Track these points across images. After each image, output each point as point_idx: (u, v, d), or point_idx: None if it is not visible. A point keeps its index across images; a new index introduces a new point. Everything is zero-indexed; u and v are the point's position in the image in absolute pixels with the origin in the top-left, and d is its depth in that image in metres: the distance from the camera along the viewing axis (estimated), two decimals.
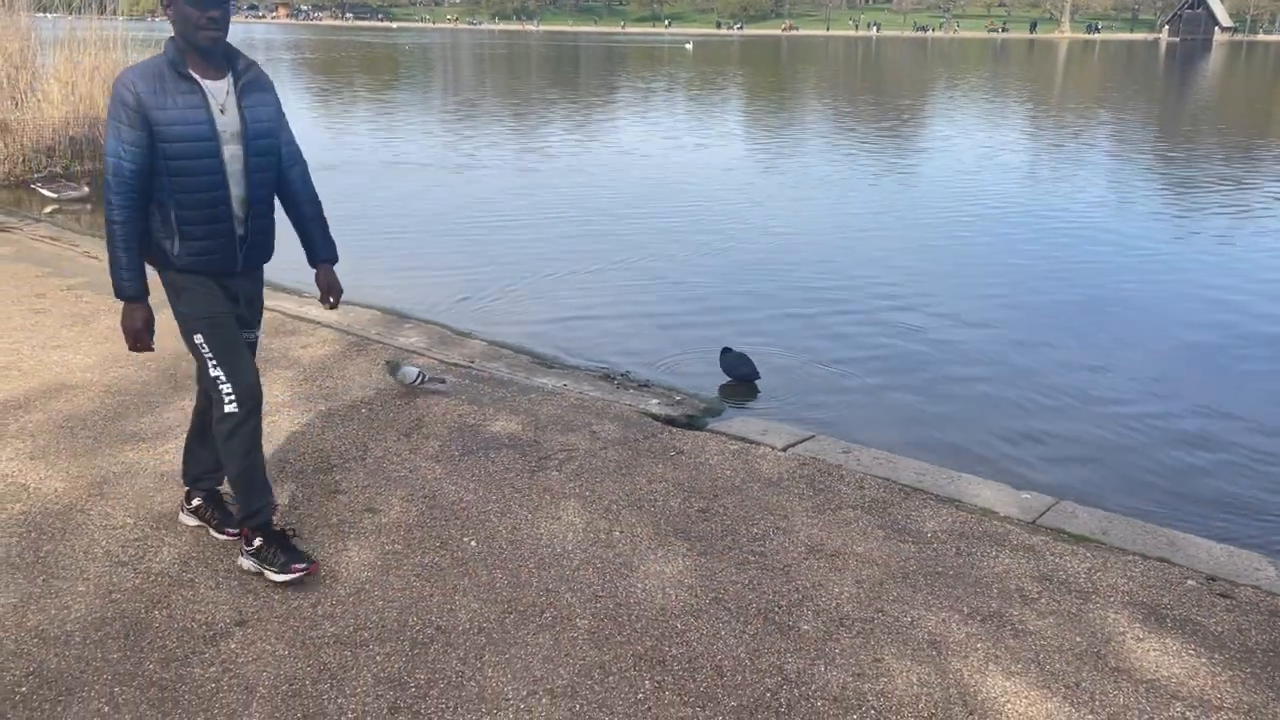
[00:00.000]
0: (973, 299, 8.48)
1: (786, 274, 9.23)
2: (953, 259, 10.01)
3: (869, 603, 3.54)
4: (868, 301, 8.33)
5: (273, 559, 3.54)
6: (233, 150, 3.30)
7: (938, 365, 6.86)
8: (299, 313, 7.11)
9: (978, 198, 13.29)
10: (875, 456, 4.92)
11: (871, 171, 15.70)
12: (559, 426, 5.12)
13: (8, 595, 3.43)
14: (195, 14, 3.13)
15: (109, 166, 3.18)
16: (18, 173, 12.83)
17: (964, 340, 7.39)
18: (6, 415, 5.02)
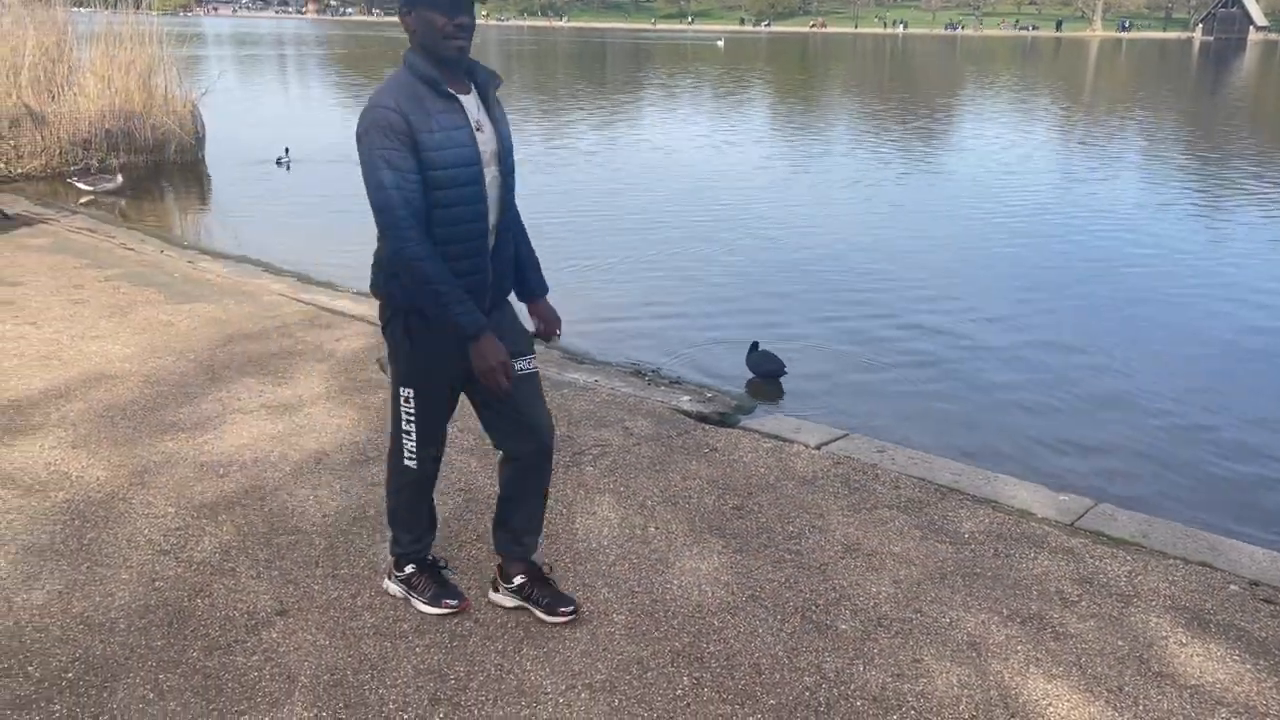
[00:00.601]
0: (1005, 299, 8.42)
1: (815, 272, 9.20)
2: (985, 259, 9.95)
3: (907, 603, 3.53)
4: (897, 300, 8.28)
5: (423, 589, 3.36)
6: (491, 173, 2.96)
7: (969, 365, 6.82)
8: (332, 306, 7.17)
9: (1010, 198, 13.19)
10: (910, 456, 4.90)
11: (901, 170, 15.61)
12: (592, 422, 5.12)
13: (53, 582, 3.47)
14: (443, 21, 2.77)
15: (390, 201, 2.78)
16: (54, 165, 13.00)
17: (996, 340, 7.34)
18: (48, 404, 5.08)
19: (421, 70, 2.81)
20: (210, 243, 9.79)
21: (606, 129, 20.50)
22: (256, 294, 7.39)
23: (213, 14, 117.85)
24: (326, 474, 4.39)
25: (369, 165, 2.79)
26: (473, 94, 2.93)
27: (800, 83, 36.90)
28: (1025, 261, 9.85)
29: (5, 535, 3.77)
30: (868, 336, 7.36)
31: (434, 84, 2.81)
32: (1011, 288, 8.82)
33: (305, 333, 6.44)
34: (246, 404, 5.17)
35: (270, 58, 44.58)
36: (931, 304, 8.19)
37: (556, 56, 52.96)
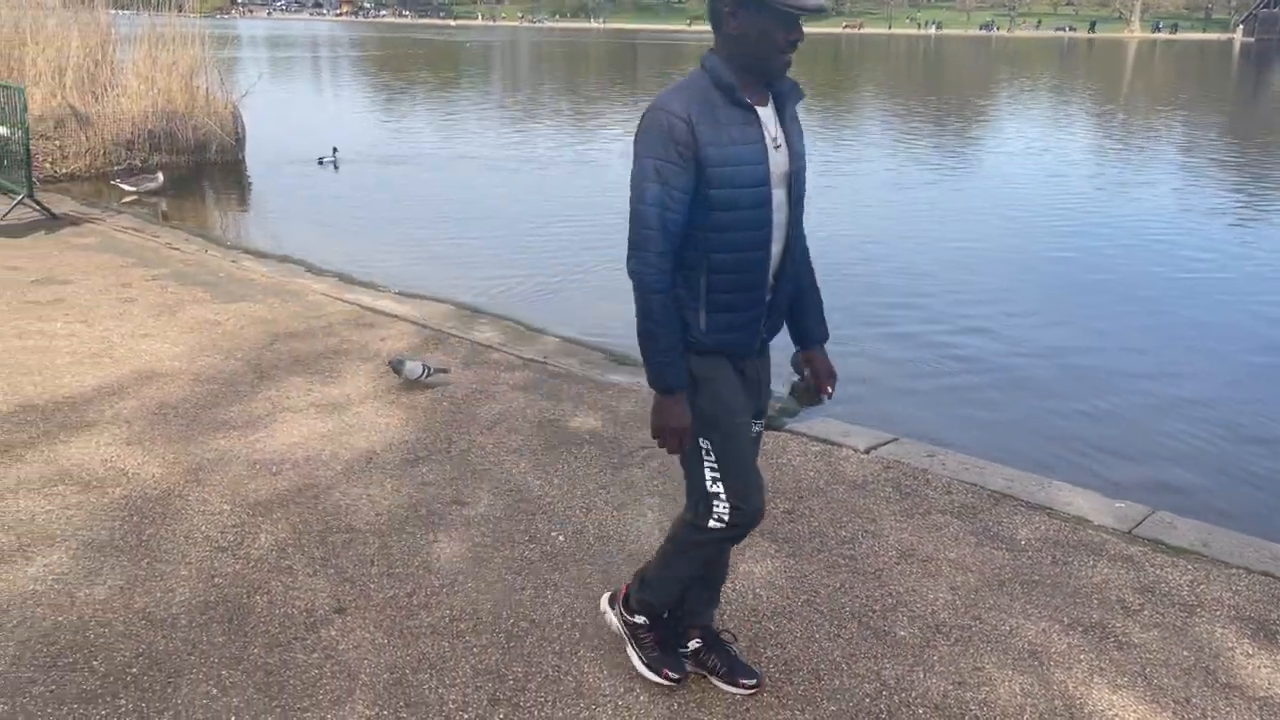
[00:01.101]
0: (1051, 302, 8.34)
1: (855, 274, 9.13)
2: (1030, 262, 9.84)
3: (965, 610, 3.49)
4: (939, 303, 8.22)
5: (647, 646, 3.04)
6: (779, 196, 2.62)
7: (1016, 369, 6.76)
8: (375, 306, 7.22)
9: (1055, 200, 13.05)
10: (961, 461, 4.85)
11: (942, 172, 15.50)
12: (639, 423, 5.11)
13: (115, 577, 3.52)
14: (780, 34, 2.46)
15: (647, 218, 2.53)
16: (98, 165, 13.18)
17: (1043, 344, 7.26)
18: (102, 401, 5.15)
19: (722, 76, 2.51)
20: (252, 242, 9.89)
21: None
22: (300, 293, 7.46)
23: (248, 16, 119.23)
24: (378, 473, 4.42)
25: (639, 171, 2.53)
26: (770, 106, 2.60)
27: (838, 83, 36.74)
28: (1073, 265, 9.74)
29: (66, 531, 3.83)
30: (912, 339, 7.30)
31: (731, 92, 2.51)
32: (1058, 291, 8.73)
33: (350, 332, 6.49)
34: (295, 403, 5.21)
35: (305, 59, 45.02)
36: (975, 306, 8.12)
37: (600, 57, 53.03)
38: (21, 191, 9.81)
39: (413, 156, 16.07)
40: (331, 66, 41.75)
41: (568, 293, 8.46)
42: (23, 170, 9.79)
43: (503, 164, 15.46)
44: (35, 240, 8.89)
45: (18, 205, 9.79)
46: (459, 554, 3.77)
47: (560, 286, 8.63)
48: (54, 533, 3.80)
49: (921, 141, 19.38)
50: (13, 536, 3.76)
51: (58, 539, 3.76)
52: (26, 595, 3.39)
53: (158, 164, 13.23)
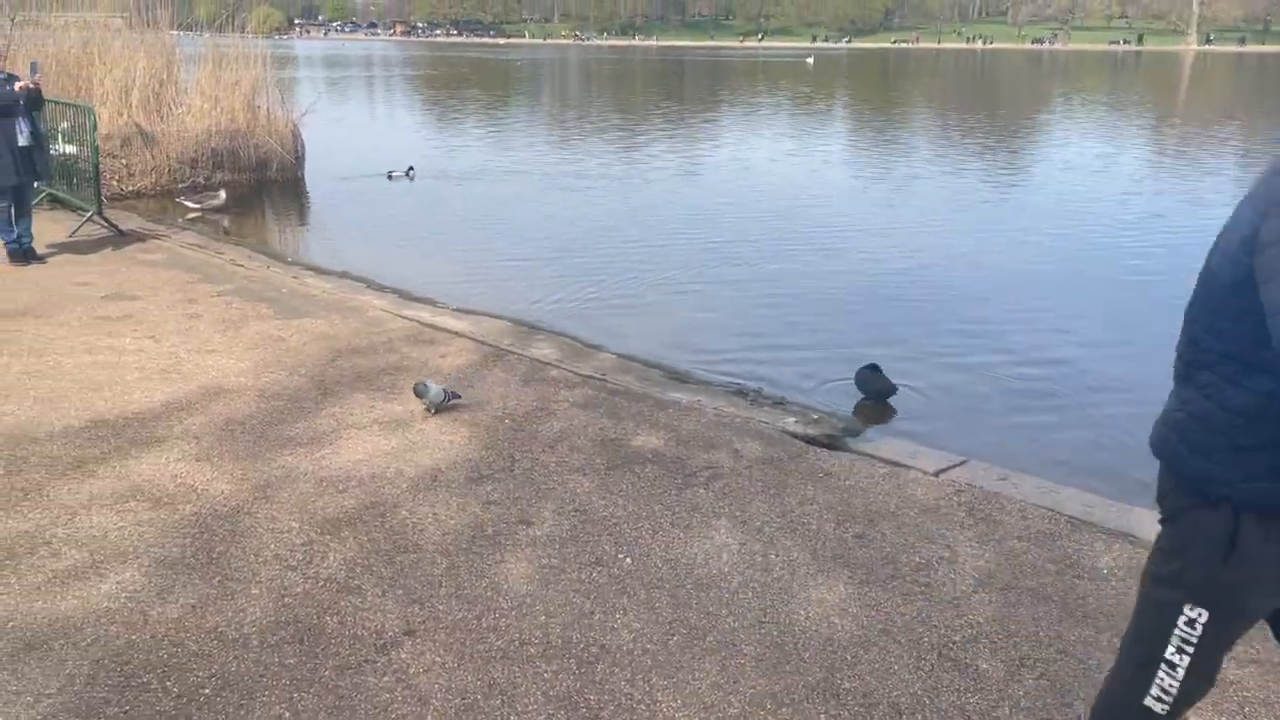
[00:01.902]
0: (1113, 321, 8.11)
1: (914, 292, 8.98)
2: (1096, 281, 9.57)
3: (1049, 643, 3.36)
4: (1003, 321, 8.04)
5: None
6: None
7: (1083, 390, 6.56)
8: (433, 322, 7.22)
9: (1125, 220, 12.68)
10: (1035, 485, 4.71)
11: (1006, 189, 15.25)
12: (701, 443, 5.04)
13: (187, 595, 3.51)
14: None
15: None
16: (162, 183, 13.44)
17: (1105, 363, 7.05)
18: (170, 417, 5.19)
19: None
20: (312, 258, 9.98)
21: (706, 143, 20.47)
22: (361, 309, 7.49)
23: (306, 36, 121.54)
24: (443, 491, 4.39)
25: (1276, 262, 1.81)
26: None
27: (893, 100, 36.46)
28: (1130, 283, 9.47)
29: (139, 547, 3.84)
30: (973, 358, 7.13)
31: None
32: (1126, 311, 8.49)
33: (410, 349, 6.50)
34: (359, 419, 5.21)
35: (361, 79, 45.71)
36: (1040, 326, 7.92)
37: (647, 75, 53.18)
38: (91, 209, 10.01)
39: (466, 173, 16.18)
40: (386, 85, 42.34)
41: (620, 308, 8.41)
42: (92, 188, 10.00)
43: (553, 180, 15.50)
44: (104, 256, 9.05)
45: (87, 222, 9.99)
46: (526, 575, 3.71)
47: (613, 302, 8.59)
48: (126, 549, 3.82)
49: (984, 157, 19.11)
50: (86, 553, 3.78)
51: (130, 556, 3.77)
52: (100, 613, 3.39)
53: (220, 182, 13.46)
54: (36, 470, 4.50)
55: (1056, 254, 10.62)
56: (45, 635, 3.26)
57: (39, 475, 4.45)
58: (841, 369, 6.63)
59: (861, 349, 6.96)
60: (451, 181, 15.22)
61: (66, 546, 3.83)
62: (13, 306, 7.26)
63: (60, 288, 7.83)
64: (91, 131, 9.83)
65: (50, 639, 3.24)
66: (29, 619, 3.35)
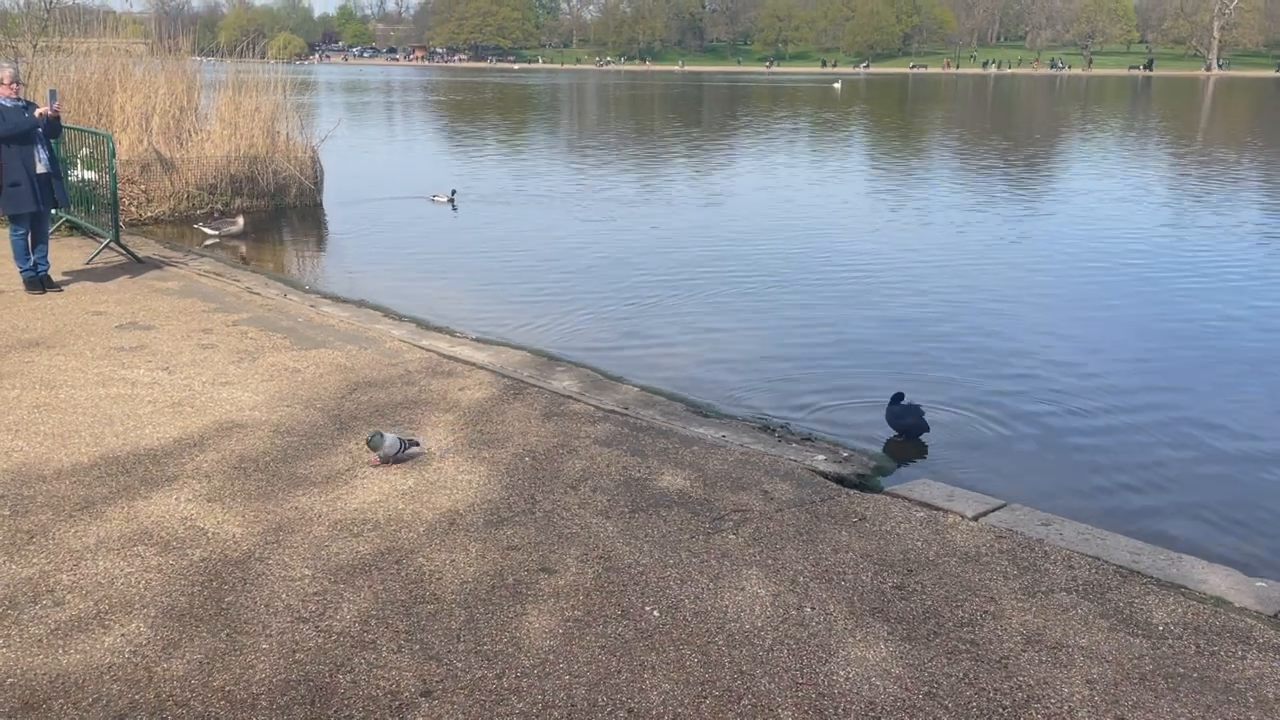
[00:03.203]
0: (1151, 358, 7.88)
1: (943, 325, 8.78)
2: (1137, 317, 9.23)
3: (1106, 709, 3.15)
4: (1033, 355, 7.82)
5: None
6: None
7: (1125, 430, 6.32)
8: (452, 353, 7.08)
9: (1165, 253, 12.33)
10: (1080, 531, 4.50)
11: (1039, 221, 15.04)
12: (728, 484, 4.86)
13: (194, 650, 3.35)
14: None
15: None
16: (181, 209, 13.41)
17: (1144, 402, 6.81)
18: (182, 454, 5.05)
19: None
20: (330, 286, 9.88)
21: (733, 170, 20.37)
22: (378, 340, 7.36)
23: (326, 61, 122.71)
24: (461, 535, 4.22)
25: None
26: None
27: (918, 125, 36.33)
28: (1191, 320, 9.10)
29: (145, 596, 3.68)
30: (1007, 394, 6.92)
31: None
32: (1169, 346, 8.23)
33: (428, 381, 6.35)
34: (375, 456, 5.04)
35: (380, 104, 45.97)
36: (1076, 363, 7.68)
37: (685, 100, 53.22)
38: (108, 236, 9.95)
39: (486, 198, 16.10)
40: (405, 110, 42.54)
41: (642, 338, 8.26)
42: (110, 215, 9.94)
43: (574, 207, 15.40)
44: (120, 284, 8.97)
45: (104, 249, 9.93)
46: (549, 629, 3.53)
47: (634, 332, 8.43)
48: (132, 599, 3.66)
49: (1014, 187, 18.91)
50: (90, 602, 3.62)
51: (136, 606, 3.61)
52: (103, 669, 3.23)
53: (239, 208, 13.43)
54: (43, 511, 4.36)
55: (1096, 288, 10.34)
56: (45, 694, 3.10)
57: (45, 517, 4.30)
58: (870, 403, 6.44)
59: (890, 383, 6.76)
60: (471, 207, 15.14)
61: (71, 595, 3.68)
62: (27, 336, 7.16)
63: (75, 316, 7.74)
64: (110, 159, 9.78)
65: (50, 698, 3.08)
66: (28, 675, 3.19)
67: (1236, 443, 6.10)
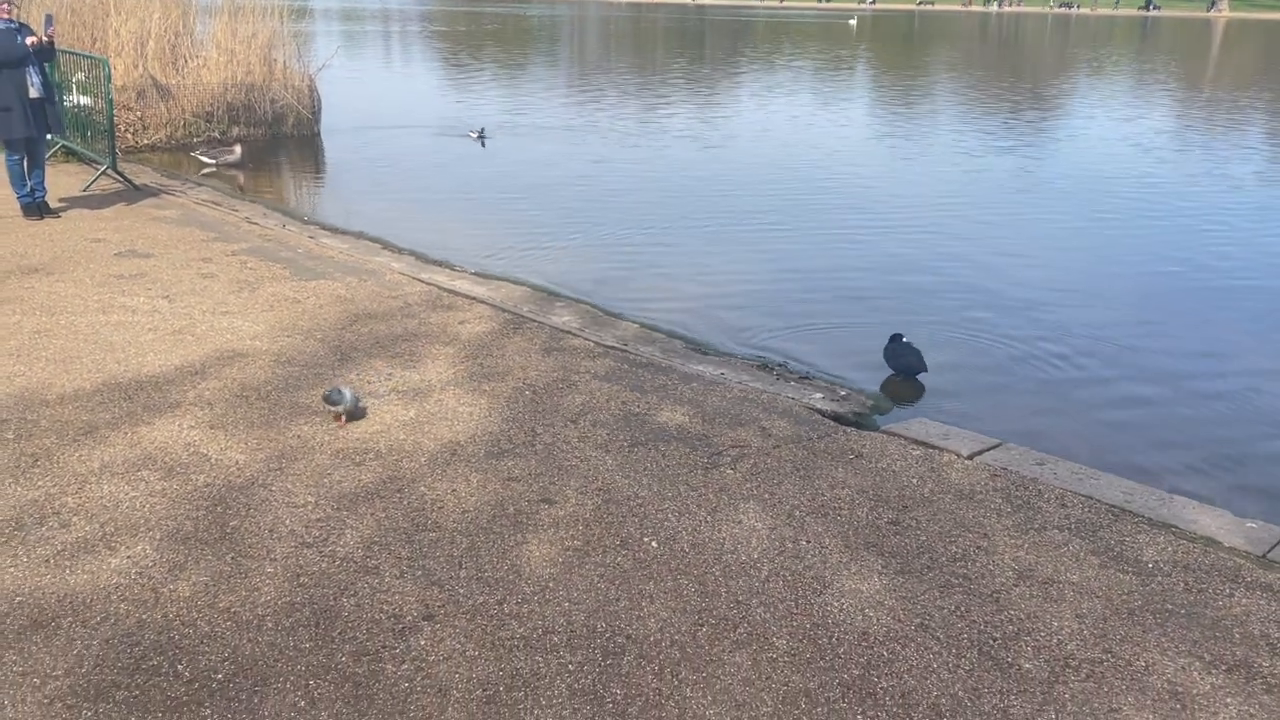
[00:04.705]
0: (1151, 301, 7.89)
1: (942, 265, 8.76)
2: (1139, 255, 9.25)
3: (1095, 642, 3.22)
4: (1038, 296, 7.81)
5: None
6: None
7: (1122, 370, 6.36)
8: (452, 286, 7.07)
9: (1167, 190, 12.37)
10: (1074, 471, 4.55)
11: (1041, 161, 14.91)
12: (727, 420, 4.90)
13: (199, 573, 3.40)
14: None
15: None
16: (177, 137, 13.25)
17: (1148, 344, 6.84)
18: (184, 381, 5.07)
19: None
20: (328, 217, 9.82)
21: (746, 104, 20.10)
22: (378, 272, 7.34)
23: None
24: (463, 466, 4.26)
25: None
26: None
27: (932, 64, 35.79)
28: (1173, 258, 9.20)
29: (150, 520, 3.73)
30: (1006, 334, 6.93)
31: None
32: (1167, 289, 8.24)
33: (428, 314, 6.35)
34: (377, 388, 5.08)
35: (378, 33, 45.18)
36: (1076, 302, 7.69)
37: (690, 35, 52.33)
38: (105, 163, 9.86)
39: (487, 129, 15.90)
40: (403, 40, 41.82)
41: (641, 274, 8.23)
42: (106, 141, 9.84)
43: (576, 141, 15.23)
44: (117, 212, 8.91)
45: (101, 176, 9.84)
46: (549, 558, 3.59)
47: (633, 268, 8.40)
48: (138, 522, 3.71)
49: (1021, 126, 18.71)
50: (96, 525, 3.67)
51: (141, 529, 3.66)
52: (110, 589, 3.29)
53: (236, 136, 13.27)
54: (47, 435, 4.39)
55: (1100, 230, 10.32)
56: (53, 612, 3.16)
57: (49, 440, 4.34)
58: (867, 342, 6.45)
59: (889, 323, 6.77)
60: (466, 139, 14.96)
61: (76, 517, 3.72)
62: (26, 262, 7.14)
63: (74, 243, 7.71)
64: (106, 83, 9.65)
65: (59, 616, 3.14)
66: (36, 594, 3.25)
67: (1233, 386, 6.14)
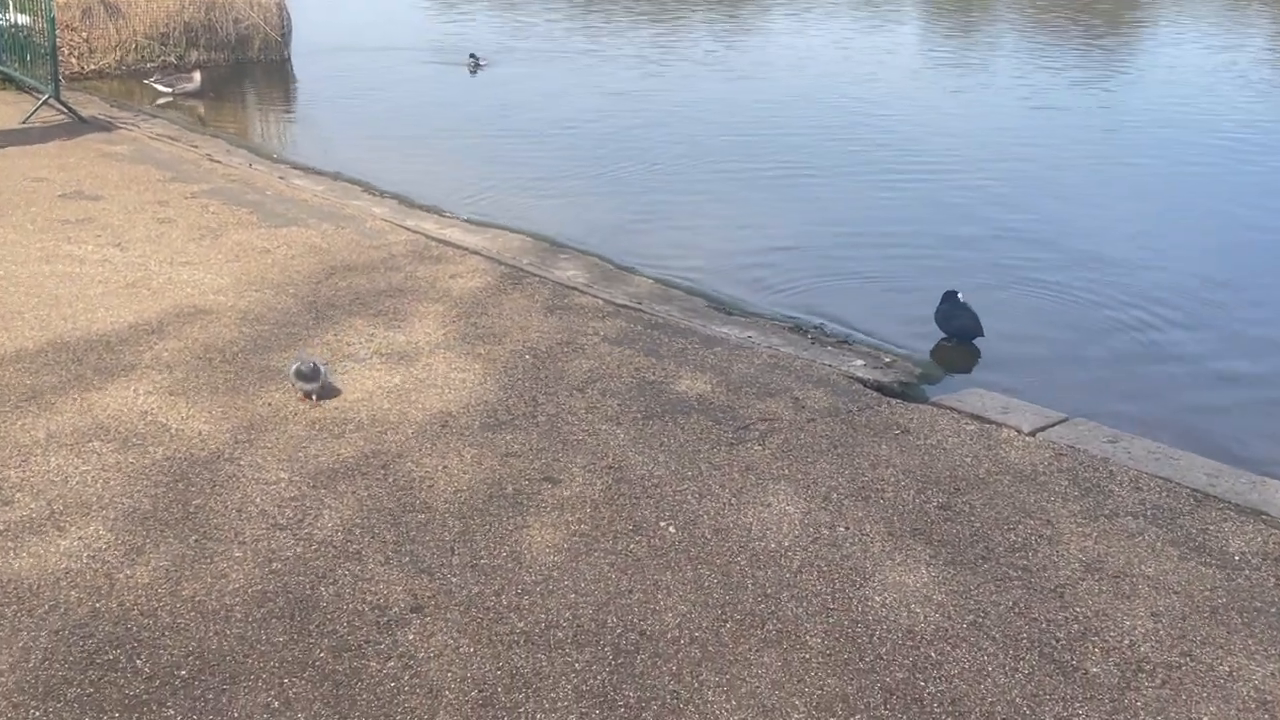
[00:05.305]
0: (1246, 260, 7.81)
1: (1001, 213, 8.68)
2: (1222, 208, 9.09)
3: (1172, 644, 3.22)
4: (1105, 251, 7.73)
5: None
6: None
7: (1201, 338, 6.31)
8: (441, 235, 7.06)
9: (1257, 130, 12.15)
10: (1150, 450, 4.53)
11: (1113, 93, 14.74)
12: (755, 390, 4.89)
13: (159, 557, 3.43)
14: None
15: None
16: (129, 62, 13.20)
17: (1234, 310, 6.76)
18: (139, 341, 5.09)
19: None
20: (301, 155, 9.80)
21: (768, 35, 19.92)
22: (357, 218, 7.33)
23: None
24: (455, 439, 4.27)
25: None
26: None
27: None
28: (1250, 210, 9.04)
29: (104, 497, 3.75)
30: (1075, 294, 6.88)
31: None
32: (1264, 247, 8.14)
33: (415, 266, 6.35)
34: (358, 350, 5.09)
35: None
36: (1157, 260, 7.59)
37: None
38: (47, 91, 9.83)
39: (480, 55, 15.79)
40: None
41: (657, 223, 8.20)
42: (48, 66, 9.80)
43: (578, 70, 15.11)
44: (61, 147, 8.91)
45: (43, 106, 9.82)
46: (553, 544, 3.60)
47: (648, 215, 8.37)
48: (89, 499, 3.73)
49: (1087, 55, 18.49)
50: (43, 502, 3.70)
51: (94, 507, 3.69)
52: (59, 575, 3.32)
53: (195, 62, 13.22)
54: None
55: (1182, 178, 10.17)
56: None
57: None
58: (916, 302, 6.41)
59: (940, 280, 6.72)
60: (457, 67, 14.85)
61: (20, 494, 3.75)
62: None
63: (11, 183, 7.72)
64: (47, 0, 9.59)
65: (1, 605, 3.17)
66: None
67: None
